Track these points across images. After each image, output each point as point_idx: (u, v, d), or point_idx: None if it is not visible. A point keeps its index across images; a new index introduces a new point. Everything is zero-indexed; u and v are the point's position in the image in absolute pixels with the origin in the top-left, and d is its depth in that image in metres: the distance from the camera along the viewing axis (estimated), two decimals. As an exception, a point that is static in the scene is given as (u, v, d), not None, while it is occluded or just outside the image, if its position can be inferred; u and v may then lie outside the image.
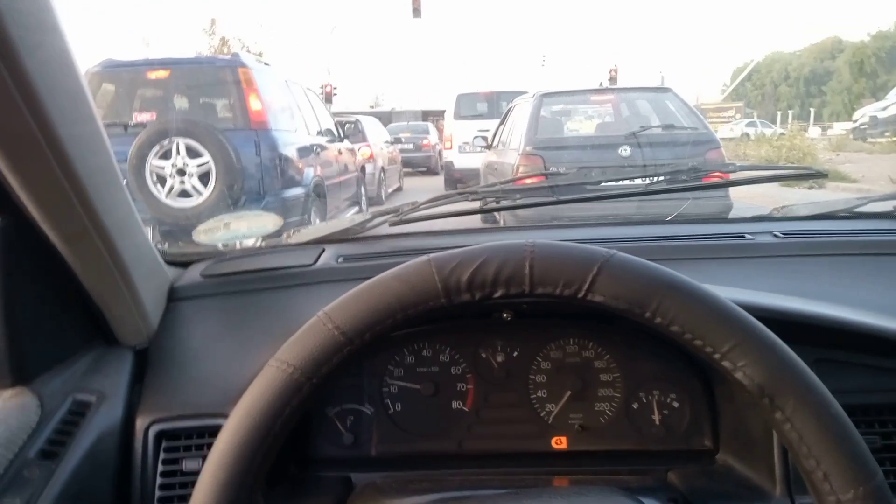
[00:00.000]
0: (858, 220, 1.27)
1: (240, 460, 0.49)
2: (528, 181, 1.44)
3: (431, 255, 0.54)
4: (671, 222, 1.41)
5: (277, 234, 1.30)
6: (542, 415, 0.94)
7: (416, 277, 0.52)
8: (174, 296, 1.04)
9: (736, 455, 0.88)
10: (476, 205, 1.33)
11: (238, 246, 1.27)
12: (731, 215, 2.34)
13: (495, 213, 2.56)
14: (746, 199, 4.26)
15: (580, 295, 0.51)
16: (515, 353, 0.95)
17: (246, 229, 1.19)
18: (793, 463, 0.77)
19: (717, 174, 1.29)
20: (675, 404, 0.93)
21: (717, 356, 0.50)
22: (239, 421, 0.51)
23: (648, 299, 0.50)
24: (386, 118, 17.52)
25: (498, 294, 0.52)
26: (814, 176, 1.26)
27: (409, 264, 0.53)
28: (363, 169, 8.25)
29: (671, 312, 0.49)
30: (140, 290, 0.91)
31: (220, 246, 1.21)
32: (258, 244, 1.29)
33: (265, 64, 5.88)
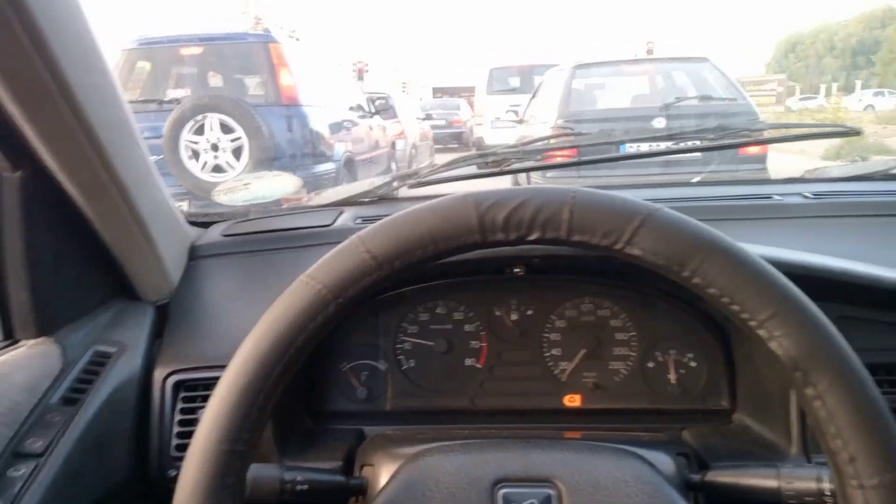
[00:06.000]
0: (894, 182, 1.22)
1: (262, 367, 0.50)
2: (553, 141, 1.41)
3: (469, 191, 0.53)
4: (698, 184, 1.38)
5: (297, 196, 1.31)
6: (555, 373, 0.93)
7: (453, 212, 0.51)
8: (195, 254, 1.06)
9: (752, 415, 0.87)
10: (497, 168, 1.32)
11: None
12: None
13: (516, 177, 2.50)
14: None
15: (618, 246, 0.49)
16: (530, 312, 0.94)
17: (266, 190, 1.20)
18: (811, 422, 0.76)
19: (745, 132, 1.24)
20: (693, 364, 0.91)
21: (752, 323, 0.48)
22: (263, 330, 0.51)
23: (689, 258, 0.47)
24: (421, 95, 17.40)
25: (533, 236, 0.51)
26: (847, 134, 1.21)
27: (447, 198, 0.52)
28: (394, 145, 8.25)
29: (711, 274, 0.47)
30: (160, 246, 0.93)
31: (240, 207, 1.23)
32: (282, 206, 1.30)
33: (296, 39, 5.89)
